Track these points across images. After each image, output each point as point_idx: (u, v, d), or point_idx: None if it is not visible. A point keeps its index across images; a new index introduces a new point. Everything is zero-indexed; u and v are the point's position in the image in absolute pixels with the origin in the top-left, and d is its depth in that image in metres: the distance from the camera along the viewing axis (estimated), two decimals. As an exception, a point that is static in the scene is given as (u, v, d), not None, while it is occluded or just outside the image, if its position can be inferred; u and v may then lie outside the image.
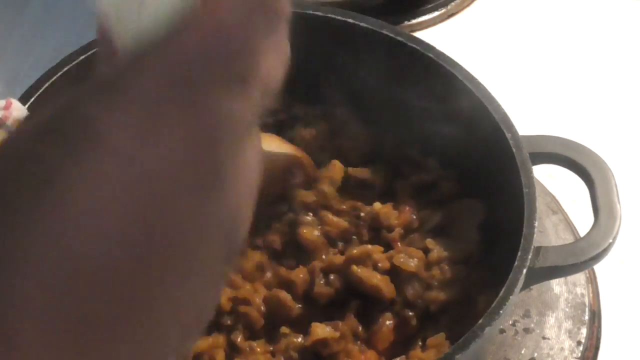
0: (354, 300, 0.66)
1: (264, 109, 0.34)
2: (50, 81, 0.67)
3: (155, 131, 0.29)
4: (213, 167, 0.30)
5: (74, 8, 0.98)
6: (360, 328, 0.65)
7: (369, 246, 0.67)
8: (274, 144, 0.65)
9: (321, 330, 0.63)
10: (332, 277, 0.67)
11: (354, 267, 0.66)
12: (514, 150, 0.63)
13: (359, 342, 0.65)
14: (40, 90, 0.66)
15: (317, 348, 0.63)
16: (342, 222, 0.69)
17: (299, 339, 0.64)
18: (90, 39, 0.69)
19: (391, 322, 0.65)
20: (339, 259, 0.67)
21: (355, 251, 0.67)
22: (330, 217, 0.69)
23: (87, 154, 0.28)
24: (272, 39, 0.33)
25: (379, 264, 0.66)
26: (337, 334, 0.63)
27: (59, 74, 0.67)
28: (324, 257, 0.67)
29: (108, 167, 0.28)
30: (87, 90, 0.30)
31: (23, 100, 0.65)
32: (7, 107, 0.61)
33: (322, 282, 0.66)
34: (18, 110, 0.62)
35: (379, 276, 0.66)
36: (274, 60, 0.34)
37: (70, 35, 0.92)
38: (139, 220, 0.28)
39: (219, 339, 0.64)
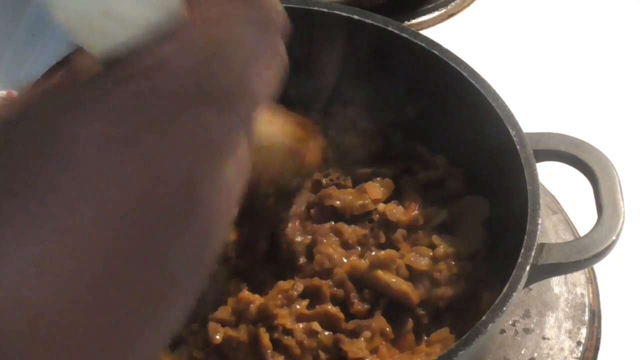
0: (381, 298, 0.65)
1: (253, 122, 0.32)
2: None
3: (125, 147, 0.27)
4: (187, 186, 0.28)
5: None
6: (388, 328, 0.64)
7: (394, 251, 0.66)
8: (276, 127, 0.59)
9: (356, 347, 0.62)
10: (365, 292, 0.65)
11: (380, 273, 0.65)
12: (517, 147, 0.63)
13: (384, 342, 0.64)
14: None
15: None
16: (359, 230, 0.68)
17: (327, 334, 0.63)
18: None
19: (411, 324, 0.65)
20: (362, 264, 0.66)
21: (381, 254, 0.66)
22: (345, 227, 0.68)
23: (50, 173, 0.26)
24: (264, 51, 0.31)
25: (400, 270, 0.65)
26: (370, 334, 0.63)
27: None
28: (344, 260, 0.66)
29: (71, 189, 0.26)
30: (56, 99, 0.29)
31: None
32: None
33: (356, 298, 0.65)
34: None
35: (404, 282, 0.65)
36: (267, 72, 0.32)
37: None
38: (107, 250, 0.26)
39: None
